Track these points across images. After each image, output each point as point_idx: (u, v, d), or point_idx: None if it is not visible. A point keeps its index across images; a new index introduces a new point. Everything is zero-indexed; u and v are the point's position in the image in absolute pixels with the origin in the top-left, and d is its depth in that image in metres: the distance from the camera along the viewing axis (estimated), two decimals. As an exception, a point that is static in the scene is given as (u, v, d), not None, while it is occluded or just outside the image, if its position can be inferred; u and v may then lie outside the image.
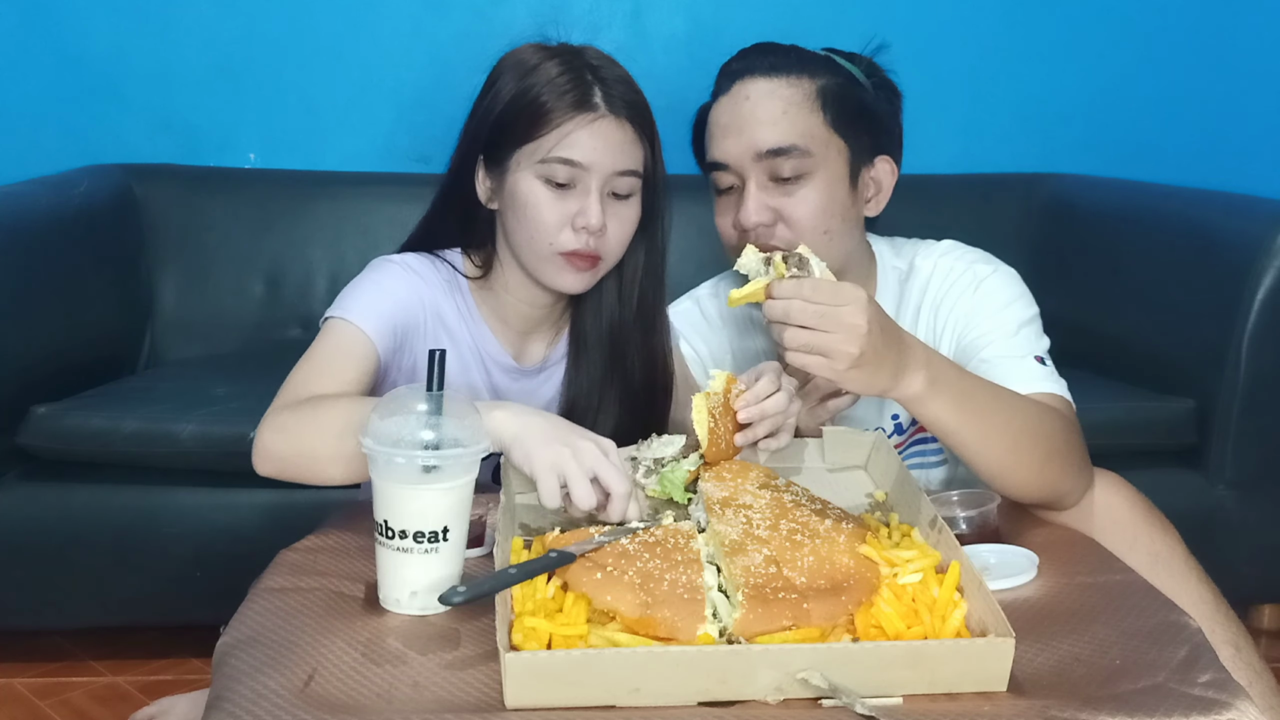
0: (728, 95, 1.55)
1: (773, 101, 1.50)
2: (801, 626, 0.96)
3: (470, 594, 0.98)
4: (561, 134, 1.40)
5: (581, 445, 1.16)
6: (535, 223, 1.42)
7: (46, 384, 2.09)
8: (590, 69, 1.44)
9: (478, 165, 1.48)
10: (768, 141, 1.48)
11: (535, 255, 1.44)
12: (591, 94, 1.42)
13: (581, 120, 1.40)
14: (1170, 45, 2.74)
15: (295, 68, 2.64)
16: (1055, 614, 1.08)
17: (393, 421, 1.07)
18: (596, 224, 1.40)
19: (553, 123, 1.40)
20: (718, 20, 2.66)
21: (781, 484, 1.22)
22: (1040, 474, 1.35)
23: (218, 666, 1.00)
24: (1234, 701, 0.92)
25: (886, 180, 1.58)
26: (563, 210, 1.41)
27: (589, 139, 1.40)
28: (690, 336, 1.67)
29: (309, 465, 1.26)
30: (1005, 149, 2.71)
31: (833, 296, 1.18)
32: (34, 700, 2.02)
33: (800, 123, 1.49)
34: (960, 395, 1.28)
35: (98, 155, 2.57)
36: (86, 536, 2.03)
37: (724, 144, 1.52)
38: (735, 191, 1.53)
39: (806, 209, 1.49)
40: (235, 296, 2.52)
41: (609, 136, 1.41)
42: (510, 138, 1.43)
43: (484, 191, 1.49)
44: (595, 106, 1.41)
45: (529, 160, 1.42)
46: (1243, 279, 2.06)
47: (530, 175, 1.42)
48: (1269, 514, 2.17)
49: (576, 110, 1.40)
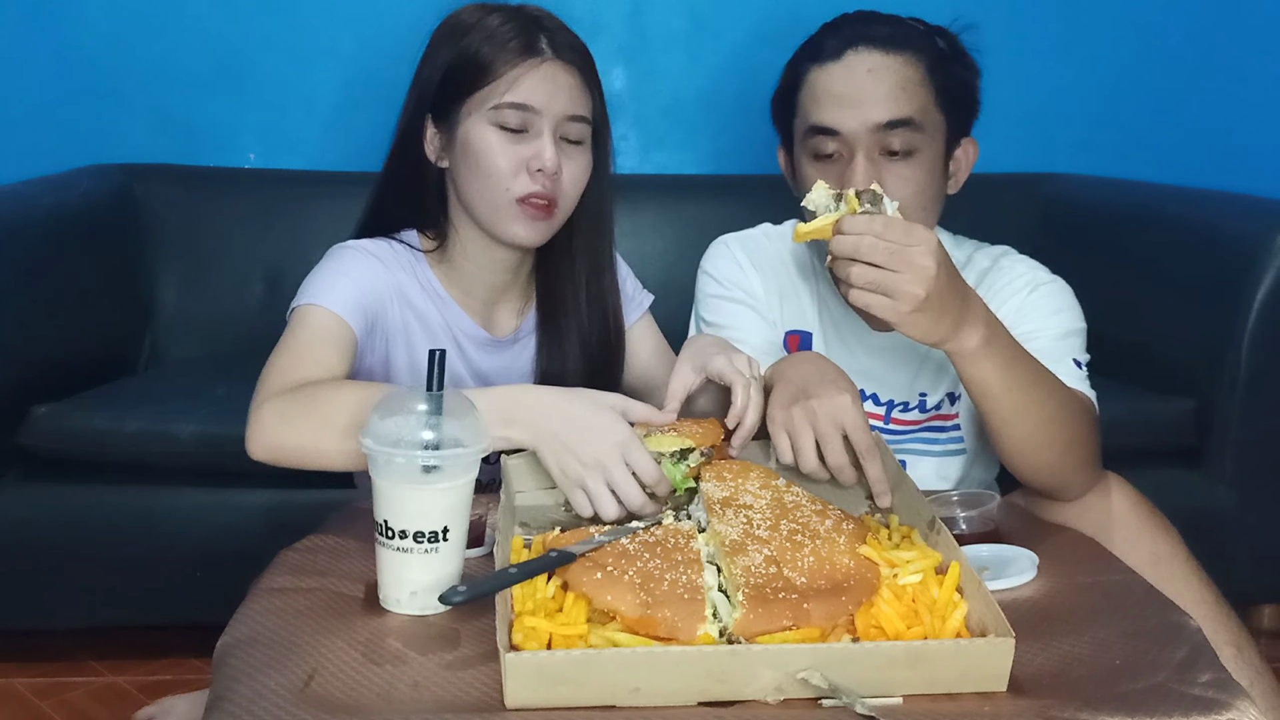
0: (840, 63, 1.52)
1: (892, 76, 1.50)
2: (802, 627, 0.96)
3: (470, 594, 0.98)
4: (511, 80, 1.42)
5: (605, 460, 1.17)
6: (489, 170, 1.43)
7: (46, 384, 2.09)
8: (531, 19, 1.46)
9: (425, 125, 1.48)
10: (887, 114, 1.48)
11: (491, 205, 1.45)
12: (537, 39, 1.44)
13: (529, 65, 1.42)
14: (1170, 45, 2.74)
15: (295, 68, 2.64)
16: (1055, 614, 1.08)
17: (393, 421, 1.07)
18: (552, 165, 1.42)
19: (500, 70, 1.42)
20: (718, 20, 2.66)
21: (782, 484, 1.22)
22: (1059, 460, 1.38)
23: (218, 666, 1.00)
24: (1234, 702, 0.92)
25: (968, 160, 1.59)
26: (516, 155, 1.42)
27: (539, 82, 1.42)
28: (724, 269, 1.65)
29: (313, 457, 1.26)
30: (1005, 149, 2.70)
31: (905, 236, 1.21)
32: (34, 700, 2.02)
33: (917, 99, 1.50)
34: (1010, 361, 1.31)
35: (98, 155, 2.57)
36: (86, 536, 2.03)
37: (837, 113, 1.50)
38: (838, 160, 1.51)
39: (912, 185, 1.49)
40: (235, 296, 2.52)
41: (558, 80, 1.43)
42: (458, 90, 1.44)
43: (433, 150, 1.49)
44: (542, 51, 1.43)
45: (479, 109, 1.43)
46: (1243, 279, 2.06)
47: (482, 123, 1.43)
48: (1269, 514, 2.17)
49: (524, 55, 1.42)
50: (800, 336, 1.67)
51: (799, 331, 1.67)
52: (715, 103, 2.66)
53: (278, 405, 1.27)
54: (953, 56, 1.56)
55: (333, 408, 1.24)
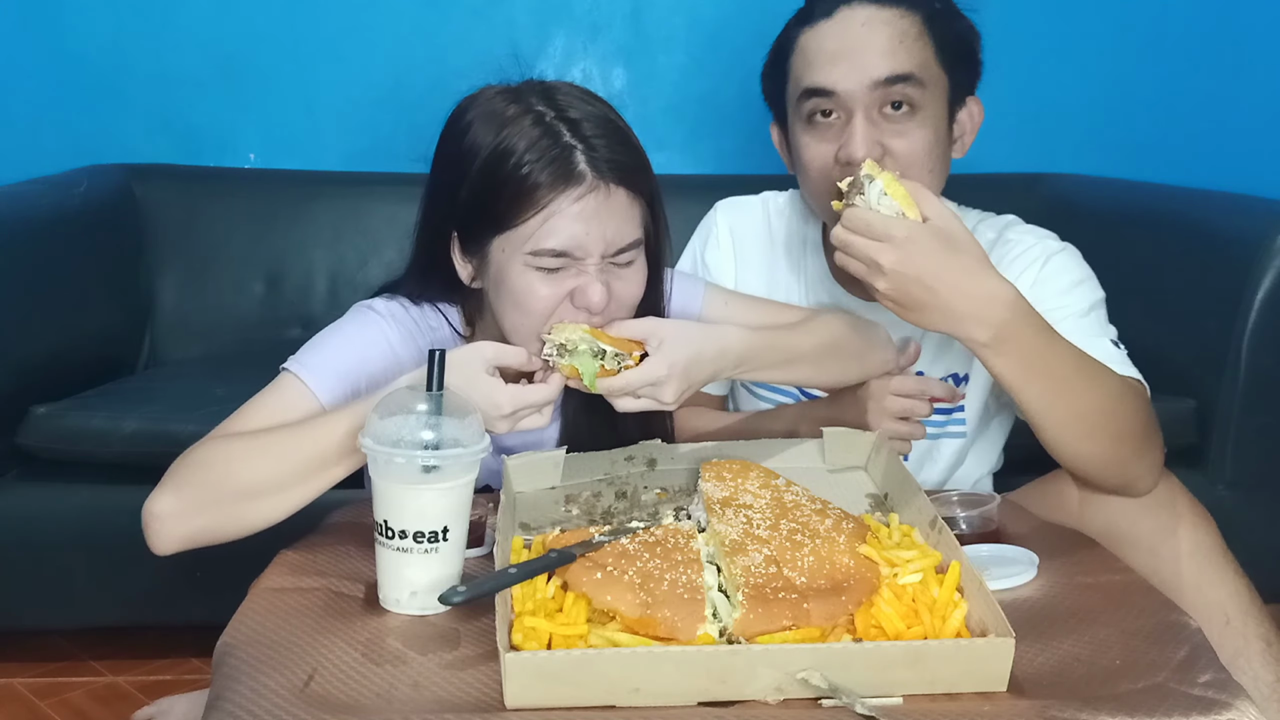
0: (832, 20, 1.46)
1: (888, 29, 1.44)
2: (801, 626, 0.96)
3: (470, 594, 0.98)
4: (546, 217, 1.23)
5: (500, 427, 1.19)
6: (528, 310, 1.27)
7: (46, 384, 2.09)
8: (569, 125, 1.26)
9: (452, 242, 1.32)
10: (885, 69, 1.42)
11: (533, 341, 1.28)
12: (574, 162, 1.24)
13: (566, 199, 1.23)
14: (1170, 45, 2.73)
15: (295, 68, 2.64)
16: (1055, 614, 1.08)
17: (393, 421, 1.07)
18: (599, 304, 1.25)
19: (535, 206, 1.23)
20: (718, 20, 2.66)
21: (782, 484, 1.22)
22: (1111, 452, 1.33)
23: (218, 666, 1.00)
24: (1234, 701, 0.92)
25: (973, 121, 1.54)
26: (559, 289, 1.26)
27: (578, 222, 1.23)
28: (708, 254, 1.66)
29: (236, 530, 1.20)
30: (1005, 149, 2.70)
31: (867, 229, 1.25)
32: (34, 700, 2.02)
33: (916, 53, 1.45)
34: (1033, 356, 1.27)
35: (98, 155, 2.57)
36: (86, 536, 2.03)
37: (832, 71, 1.44)
38: (835, 122, 1.46)
39: (916, 145, 1.45)
40: (235, 296, 2.52)
41: (600, 212, 1.24)
42: (487, 221, 1.27)
43: (465, 273, 1.33)
44: (581, 177, 1.24)
45: (513, 249, 1.25)
46: (1243, 279, 2.06)
47: (519, 264, 1.25)
48: (1269, 514, 2.17)
49: (562, 186, 1.23)
50: None
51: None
52: (715, 103, 2.66)
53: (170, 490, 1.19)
54: (949, 12, 1.51)
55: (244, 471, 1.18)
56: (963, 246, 1.26)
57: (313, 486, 1.19)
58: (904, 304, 1.26)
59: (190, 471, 1.20)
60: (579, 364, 1.23)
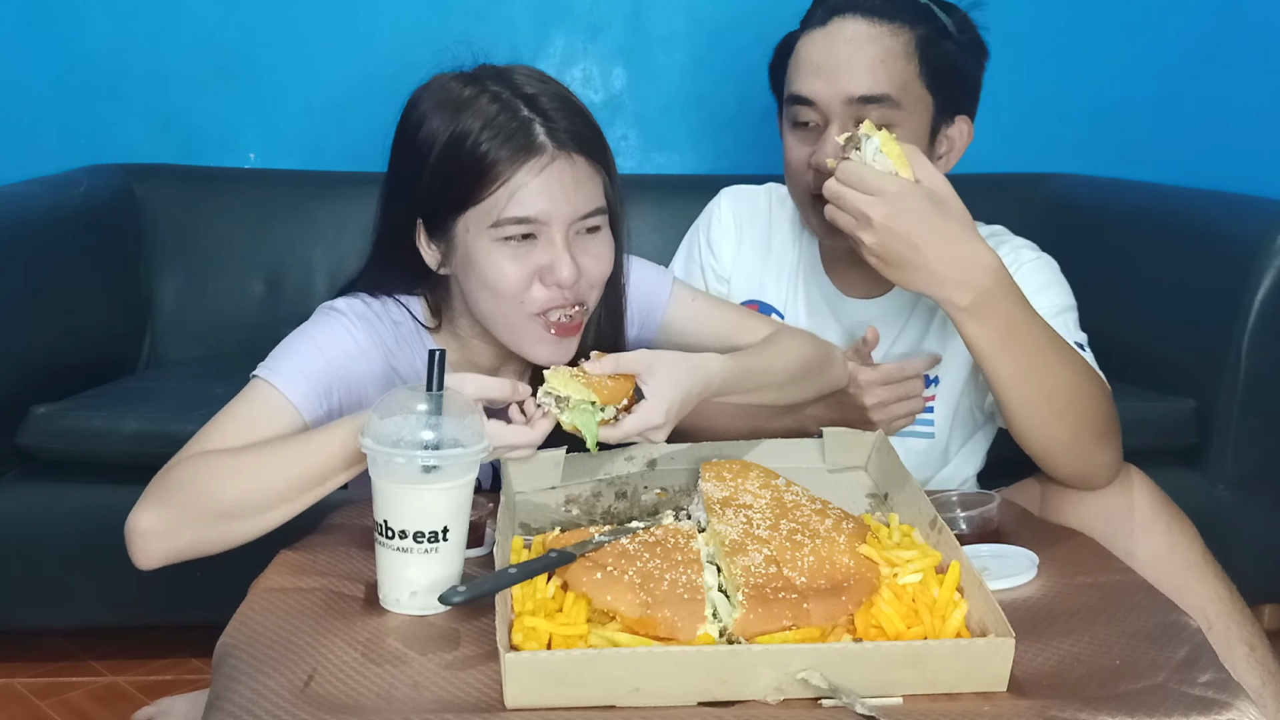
0: (823, 30, 1.50)
1: (872, 48, 1.47)
2: (801, 626, 0.96)
3: (470, 594, 0.98)
4: (510, 190, 1.24)
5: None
6: (499, 289, 1.27)
7: (46, 384, 2.09)
8: (525, 100, 1.27)
9: (417, 230, 1.33)
10: (860, 88, 1.46)
11: (507, 324, 1.31)
12: (534, 134, 1.25)
13: (529, 170, 1.24)
14: (1170, 45, 2.73)
15: (295, 68, 2.64)
16: (1055, 614, 1.08)
17: (393, 421, 1.07)
18: (569, 275, 1.26)
19: (497, 179, 1.24)
20: (718, 20, 2.66)
21: (782, 484, 1.22)
22: (1073, 437, 1.34)
23: (218, 666, 1.00)
24: (1234, 701, 0.92)
25: (961, 141, 1.57)
26: (528, 265, 1.27)
27: (541, 189, 1.25)
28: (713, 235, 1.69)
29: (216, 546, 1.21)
30: (1005, 149, 2.70)
31: (860, 182, 1.28)
32: (34, 700, 2.02)
33: (896, 74, 1.47)
34: (1010, 327, 1.30)
35: (98, 155, 2.57)
36: (86, 536, 2.03)
37: (813, 82, 1.49)
38: (814, 129, 1.51)
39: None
40: (235, 296, 2.52)
41: (563, 179, 1.26)
42: (451, 202, 1.27)
43: (432, 258, 1.33)
44: (541, 148, 1.25)
45: (478, 226, 1.26)
46: (1243, 279, 2.06)
47: (484, 241, 1.26)
48: (1269, 514, 2.17)
49: (522, 157, 1.24)
50: (760, 307, 1.68)
51: (759, 302, 1.68)
52: (715, 103, 2.66)
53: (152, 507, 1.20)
54: (950, 33, 1.52)
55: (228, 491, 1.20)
56: (952, 211, 1.29)
57: (297, 505, 1.21)
58: (889, 260, 1.29)
59: (173, 491, 1.21)
60: (579, 422, 1.20)
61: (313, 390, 1.29)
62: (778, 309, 1.68)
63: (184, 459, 1.25)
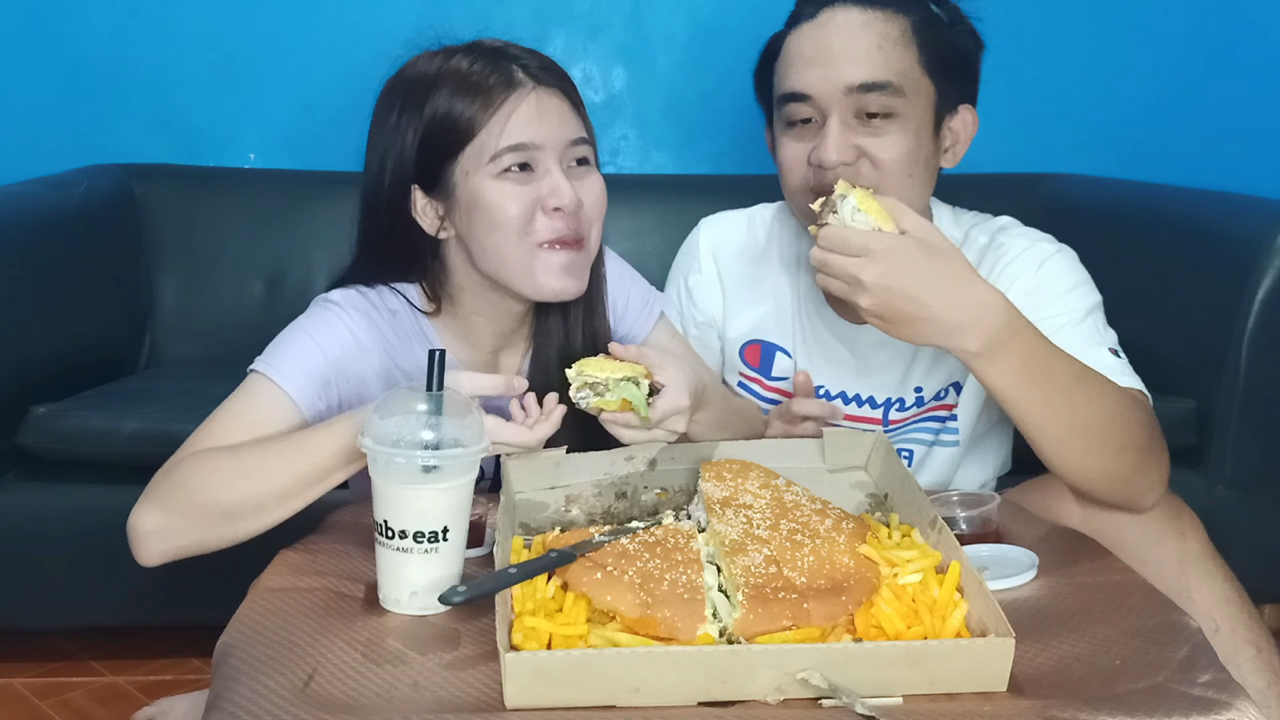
0: (813, 22, 1.44)
1: (867, 34, 1.41)
2: (801, 626, 0.96)
3: (470, 594, 0.98)
4: (500, 121, 1.30)
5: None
6: (503, 222, 1.30)
7: (46, 384, 2.09)
8: (495, 52, 1.34)
9: (413, 197, 1.35)
10: (860, 76, 1.39)
11: (516, 261, 1.32)
12: (513, 72, 1.32)
13: (514, 101, 1.30)
14: (1170, 45, 2.74)
15: (295, 68, 2.64)
16: (1055, 614, 1.08)
17: (393, 421, 1.07)
18: (570, 200, 1.31)
19: (485, 115, 1.29)
20: (718, 20, 2.66)
21: (782, 484, 1.22)
22: (1113, 468, 1.28)
23: (218, 666, 1.00)
24: (1234, 701, 0.92)
25: (966, 131, 1.50)
26: (528, 196, 1.30)
27: (529, 117, 1.30)
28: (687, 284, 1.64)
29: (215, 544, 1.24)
30: (1005, 149, 2.70)
31: (844, 245, 1.20)
32: (34, 700, 2.02)
33: (895, 60, 1.41)
34: (1029, 367, 1.23)
35: (98, 155, 2.57)
36: (86, 536, 2.03)
37: (807, 75, 1.42)
38: (812, 126, 1.44)
39: (893, 151, 1.41)
40: (235, 296, 2.52)
41: (546, 107, 1.32)
42: (445, 150, 1.31)
43: (431, 222, 1.35)
44: (522, 83, 1.31)
45: (475, 165, 1.30)
46: (1243, 279, 2.06)
47: (484, 179, 1.30)
48: (1269, 514, 2.17)
49: (505, 92, 1.30)
50: (763, 347, 1.60)
51: (761, 342, 1.60)
52: (715, 103, 2.66)
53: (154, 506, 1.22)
54: (946, 22, 1.47)
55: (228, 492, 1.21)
56: (946, 254, 1.21)
57: (297, 503, 1.22)
58: (890, 319, 1.21)
59: (173, 490, 1.23)
60: (629, 395, 1.22)
61: (310, 385, 1.30)
62: (785, 349, 1.61)
63: (183, 457, 1.26)
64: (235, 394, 1.31)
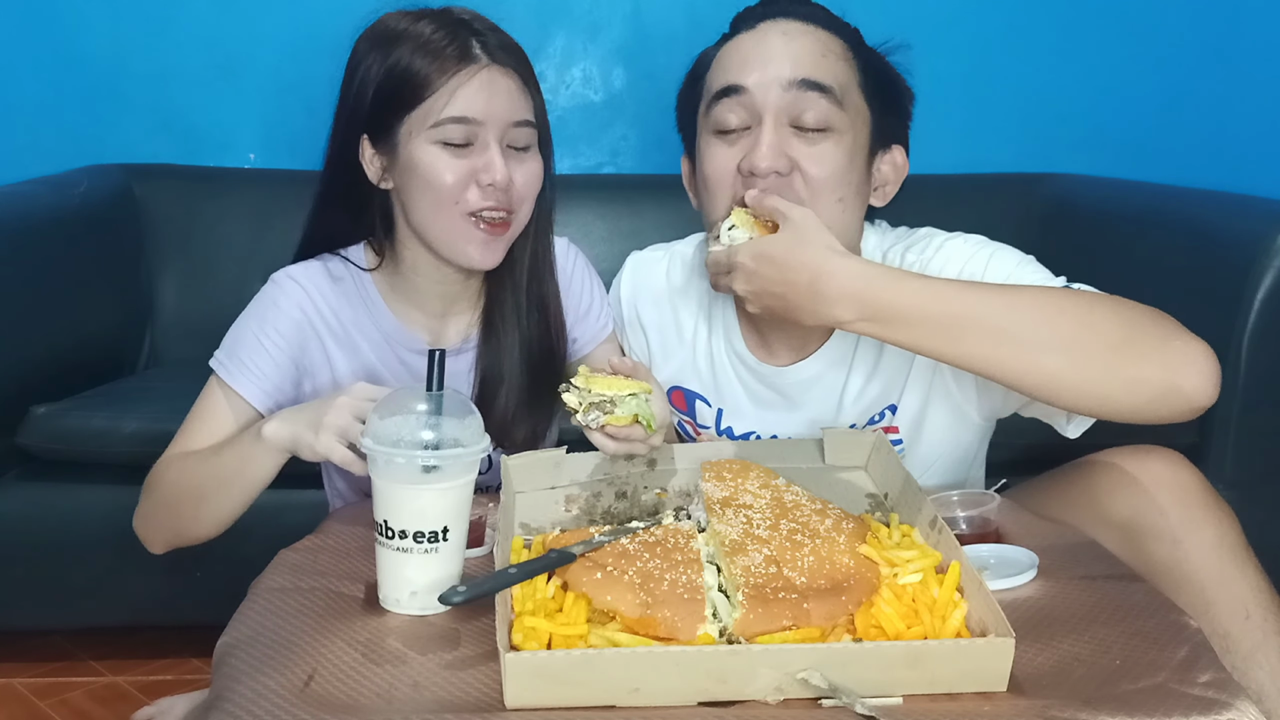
0: (753, 31, 1.41)
1: (811, 40, 1.38)
2: (801, 626, 0.96)
3: (470, 594, 0.98)
4: (449, 91, 1.35)
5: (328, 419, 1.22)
6: (436, 187, 1.36)
7: (46, 384, 2.09)
8: (461, 23, 1.39)
9: (362, 145, 1.42)
10: (801, 71, 1.35)
11: (443, 227, 1.39)
12: (470, 46, 1.37)
13: (466, 74, 1.35)
14: (1170, 45, 2.74)
15: (295, 68, 2.64)
16: (1055, 614, 1.08)
17: (393, 421, 1.07)
18: (502, 178, 1.36)
19: (437, 82, 1.35)
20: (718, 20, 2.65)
21: (782, 484, 1.22)
22: (1083, 360, 1.22)
23: (218, 666, 1.00)
24: (1234, 701, 0.92)
25: (896, 173, 1.46)
26: (463, 168, 1.36)
27: (478, 91, 1.36)
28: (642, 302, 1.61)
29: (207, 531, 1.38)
30: (1005, 149, 2.71)
31: (716, 266, 1.33)
32: (34, 700, 2.02)
33: (838, 71, 1.37)
34: (916, 308, 1.22)
35: (98, 155, 2.57)
36: (86, 536, 2.03)
37: (744, 72, 1.37)
38: (742, 135, 1.38)
39: (827, 166, 1.36)
40: (235, 296, 2.49)
41: (496, 86, 1.37)
42: (395, 107, 1.37)
43: (374, 171, 1.43)
44: (477, 58, 1.36)
45: (420, 127, 1.36)
46: (1243, 279, 2.06)
47: (424, 143, 1.36)
48: (1269, 514, 2.16)
49: (459, 64, 1.35)
50: (685, 394, 1.56)
51: (684, 390, 1.57)
52: (715, 103, 2.66)
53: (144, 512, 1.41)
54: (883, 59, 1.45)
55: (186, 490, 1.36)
56: (806, 239, 1.26)
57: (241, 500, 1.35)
58: (775, 312, 1.30)
59: (153, 490, 1.40)
60: (639, 410, 1.27)
61: (264, 378, 1.41)
62: (706, 399, 1.55)
63: (160, 461, 1.42)
64: (200, 398, 1.44)
